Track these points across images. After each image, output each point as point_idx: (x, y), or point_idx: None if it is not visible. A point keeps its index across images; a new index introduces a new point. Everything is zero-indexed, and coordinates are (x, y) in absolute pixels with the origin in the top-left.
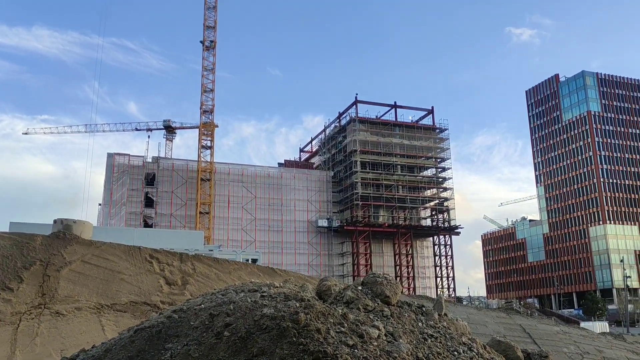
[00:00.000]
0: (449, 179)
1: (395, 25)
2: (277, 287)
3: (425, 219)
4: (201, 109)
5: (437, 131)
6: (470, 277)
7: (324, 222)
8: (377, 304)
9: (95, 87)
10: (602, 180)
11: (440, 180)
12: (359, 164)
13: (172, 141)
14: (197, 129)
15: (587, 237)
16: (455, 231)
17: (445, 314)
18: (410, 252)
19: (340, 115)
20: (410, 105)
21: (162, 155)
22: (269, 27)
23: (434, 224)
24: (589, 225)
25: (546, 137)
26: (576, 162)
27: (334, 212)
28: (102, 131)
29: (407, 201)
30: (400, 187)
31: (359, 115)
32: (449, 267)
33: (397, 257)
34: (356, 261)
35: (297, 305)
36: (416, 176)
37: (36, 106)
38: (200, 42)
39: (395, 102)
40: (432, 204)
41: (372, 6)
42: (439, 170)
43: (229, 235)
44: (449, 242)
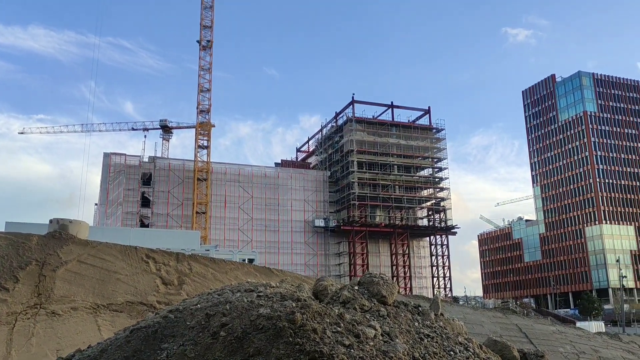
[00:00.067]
0: (446, 179)
1: (391, 25)
2: (274, 287)
3: (421, 219)
4: (198, 108)
5: (434, 131)
6: (466, 277)
7: (320, 222)
8: (374, 303)
9: (91, 87)
10: (598, 180)
11: (436, 180)
12: (355, 163)
13: (168, 141)
14: (194, 129)
15: (583, 237)
16: (451, 231)
17: (441, 314)
18: (406, 252)
19: (337, 115)
20: (407, 105)
21: (158, 155)
22: (266, 26)
23: (431, 224)
24: (585, 225)
25: (542, 137)
26: (572, 162)
27: (330, 212)
28: (98, 131)
29: (404, 201)
30: (397, 187)
31: (356, 115)
32: (446, 267)
33: (393, 257)
34: (353, 261)
35: (294, 305)
36: (413, 176)
37: (32, 106)
38: (197, 41)
39: (392, 102)
40: (428, 204)
41: (369, 6)
42: (436, 170)
43: (225, 235)
44: (446, 242)
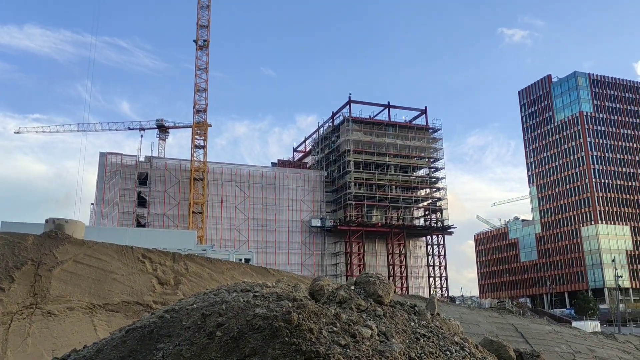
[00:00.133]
0: (442, 179)
1: (388, 26)
2: (270, 287)
3: (418, 218)
4: (194, 108)
5: (430, 131)
6: (462, 276)
7: (317, 222)
8: (370, 303)
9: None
10: (594, 180)
11: (433, 180)
12: (352, 163)
13: (165, 141)
14: (190, 129)
15: (579, 237)
16: (448, 231)
17: (437, 314)
18: (403, 251)
19: (333, 115)
20: (403, 105)
21: (155, 154)
22: (263, 26)
23: (427, 223)
24: (581, 225)
25: (538, 138)
26: (568, 163)
27: (327, 212)
28: (94, 130)
29: (400, 201)
30: (393, 187)
31: (353, 115)
32: (442, 267)
33: (390, 256)
34: (349, 261)
35: (290, 305)
36: (409, 176)
37: (28, 105)
38: (193, 41)
39: (388, 102)
40: (425, 203)
41: (366, 7)
42: (432, 170)
43: (222, 234)
44: (442, 242)
